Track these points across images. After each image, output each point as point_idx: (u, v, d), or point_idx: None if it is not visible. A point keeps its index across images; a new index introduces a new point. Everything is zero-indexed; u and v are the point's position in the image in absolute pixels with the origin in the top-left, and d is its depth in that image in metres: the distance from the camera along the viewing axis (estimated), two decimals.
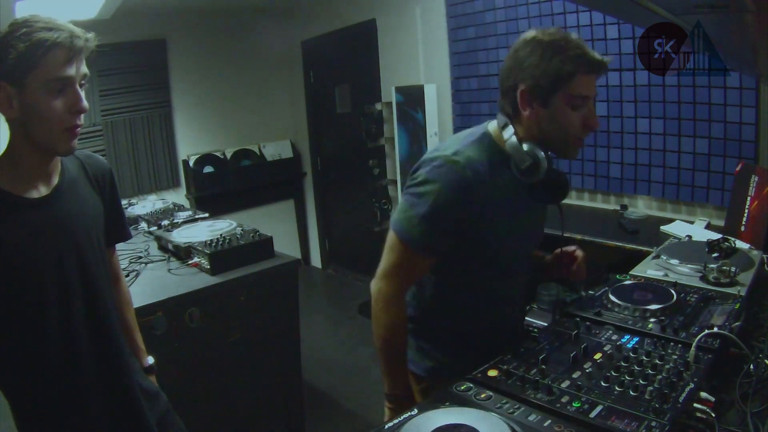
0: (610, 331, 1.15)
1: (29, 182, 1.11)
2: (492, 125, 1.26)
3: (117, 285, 1.43)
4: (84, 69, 1.08)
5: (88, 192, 1.23)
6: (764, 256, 1.49)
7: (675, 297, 1.25)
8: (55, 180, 1.16)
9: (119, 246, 1.50)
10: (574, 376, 0.98)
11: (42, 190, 1.13)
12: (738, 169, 2.12)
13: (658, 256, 1.58)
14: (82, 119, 1.09)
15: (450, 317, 1.33)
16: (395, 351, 1.26)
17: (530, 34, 1.16)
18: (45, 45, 1.00)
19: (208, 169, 4.62)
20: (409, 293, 1.35)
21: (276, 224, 4.96)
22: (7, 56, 1.00)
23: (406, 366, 1.29)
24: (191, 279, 2.14)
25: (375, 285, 1.24)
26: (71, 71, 1.04)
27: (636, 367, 0.98)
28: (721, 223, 2.28)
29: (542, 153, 1.16)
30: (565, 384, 0.95)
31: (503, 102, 1.22)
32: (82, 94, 1.08)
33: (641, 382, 0.93)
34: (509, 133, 1.20)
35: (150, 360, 1.50)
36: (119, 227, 1.38)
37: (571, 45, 1.12)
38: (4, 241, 1.05)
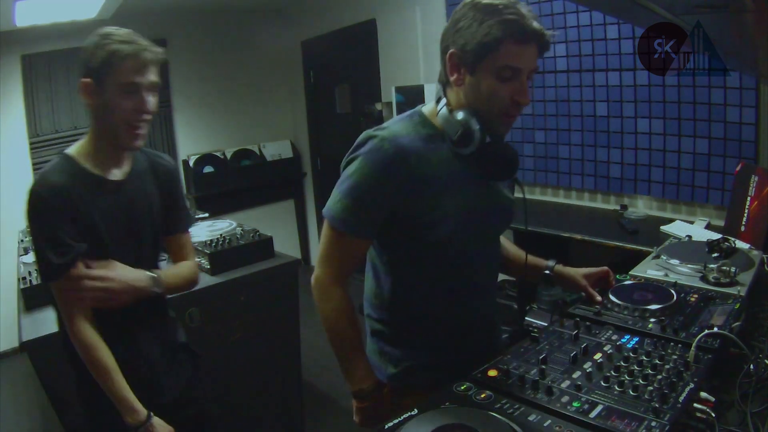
0: (610, 331, 1.14)
1: (107, 167, 1.33)
2: (427, 105, 1.21)
3: (185, 261, 1.57)
4: (152, 78, 1.28)
5: (150, 185, 1.43)
6: (764, 256, 1.49)
7: (675, 297, 1.25)
8: (127, 168, 1.38)
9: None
10: (574, 376, 0.98)
11: (116, 174, 1.35)
12: (738, 169, 2.12)
13: (658, 256, 1.58)
14: (146, 117, 1.29)
15: (412, 318, 1.25)
16: (345, 341, 1.19)
17: None
18: (118, 54, 1.22)
19: (208, 169, 4.62)
20: (370, 294, 1.30)
21: (276, 224, 4.96)
22: (92, 60, 1.23)
23: (363, 357, 1.22)
24: None
25: (313, 275, 1.21)
26: (139, 78, 1.25)
27: (636, 367, 0.98)
28: (721, 223, 2.28)
29: (475, 120, 1.09)
30: (565, 384, 0.95)
31: (441, 68, 1.15)
32: (152, 99, 1.29)
33: (641, 382, 0.93)
34: (441, 104, 1.15)
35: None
36: (180, 219, 1.54)
37: (507, 11, 1.03)
38: (93, 213, 1.29)
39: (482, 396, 0.94)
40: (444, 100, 1.16)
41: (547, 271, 1.39)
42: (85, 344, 1.27)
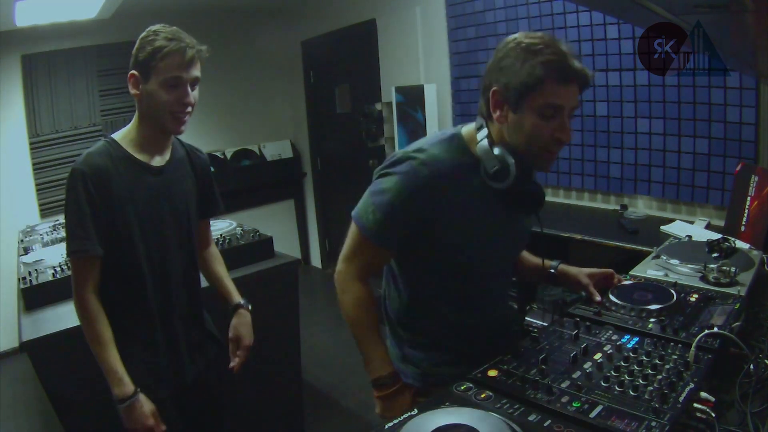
0: (610, 331, 1.15)
1: (149, 153, 1.43)
2: (466, 127, 1.23)
3: (209, 247, 1.74)
4: (195, 73, 1.38)
5: (188, 173, 1.55)
6: (764, 256, 1.49)
7: (675, 297, 1.25)
8: (167, 156, 1.48)
9: None
10: (574, 376, 0.98)
11: (158, 161, 1.45)
12: (738, 169, 2.12)
13: (658, 256, 1.58)
14: (189, 110, 1.39)
15: (431, 323, 1.30)
16: (366, 328, 1.23)
17: (515, 35, 1.12)
18: (164, 51, 1.31)
19: None
20: (390, 299, 1.34)
21: (276, 224, 4.96)
22: (140, 54, 1.33)
23: (381, 345, 1.25)
24: None
25: (336, 269, 1.26)
26: (183, 73, 1.34)
27: (636, 367, 0.98)
28: (721, 223, 2.28)
29: (512, 158, 1.12)
30: (565, 384, 0.95)
31: (481, 102, 1.19)
32: (193, 92, 1.39)
33: (641, 382, 0.93)
34: (482, 135, 1.17)
35: (237, 299, 1.70)
36: (212, 205, 1.68)
37: (549, 50, 1.06)
38: (136, 195, 1.38)
39: (482, 396, 0.94)
40: (485, 131, 1.17)
41: (552, 270, 1.43)
42: (87, 313, 1.34)
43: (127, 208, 1.37)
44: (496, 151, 1.14)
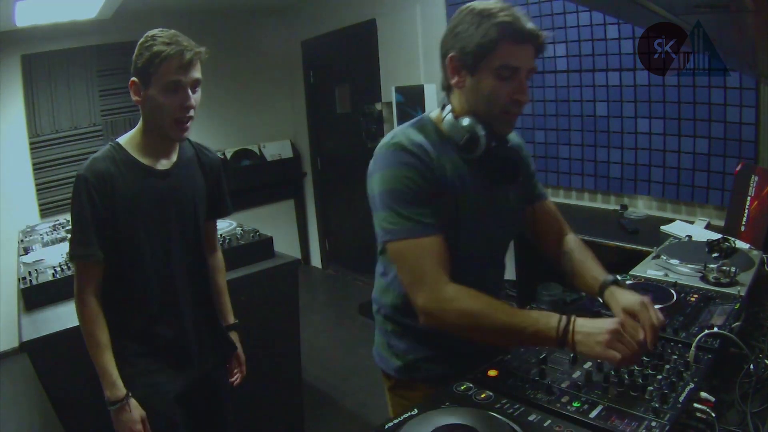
0: None
1: (155, 157, 1.43)
2: (433, 112, 1.24)
3: (214, 253, 1.71)
4: (195, 75, 1.37)
5: (196, 173, 1.54)
6: (764, 256, 1.49)
7: (675, 297, 1.25)
8: (174, 158, 1.47)
9: None
10: (574, 376, 0.98)
11: (164, 164, 1.45)
12: (738, 169, 2.12)
13: (658, 256, 1.58)
14: (191, 113, 1.38)
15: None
16: (499, 312, 1.03)
17: (468, 4, 1.13)
18: (161, 55, 1.30)
19: None
20: (380, 289, 1.30)
21: (276, 224, 4.96)
22: (138, 60, 1.32)
23: (527, 311, 1.07)
24: None
25: (419, 306, 1.08)
26: (182, 77, 1.33)
27: (636, 367, 0.98)
28: (721, 223, 2.28)
29: (481, 126, 1.13)
30: (565, 384, 0.95)
31: (442, 74, 1.18)
32: (195, 95, 1.38)
33: (641, 382, 0.93)
34: (446, 111, 1.18)
35: (232, 319, 1.75)
36: (221, 206, 1.66)
37: (503, 13, 1.07)
38: (141, 199, 1.38)
39: (482, 396, 0.94)
40: (449, 107, 1.18)
41: (599, 298, 1.21)
42: (87, 316, 1.35)
43: (133, 212, 1.37)
44: (463, 121, 1.14)
